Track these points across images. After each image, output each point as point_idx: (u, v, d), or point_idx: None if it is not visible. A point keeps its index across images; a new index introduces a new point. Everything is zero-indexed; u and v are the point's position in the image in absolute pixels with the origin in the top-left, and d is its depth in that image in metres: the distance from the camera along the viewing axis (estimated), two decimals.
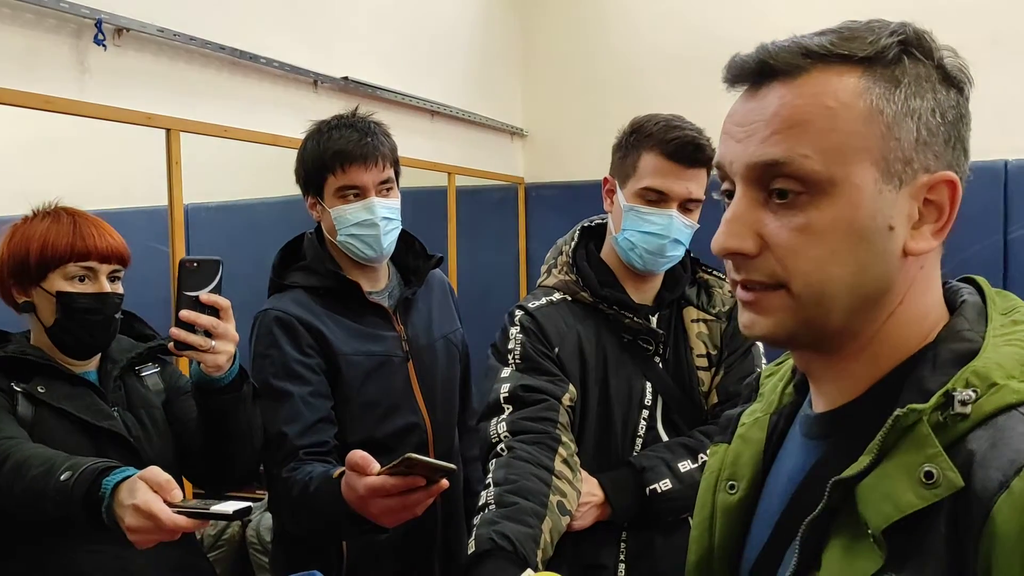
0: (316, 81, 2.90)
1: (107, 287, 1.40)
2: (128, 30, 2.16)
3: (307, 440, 1.51)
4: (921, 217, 0.66)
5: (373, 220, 1.63)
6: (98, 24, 2.06)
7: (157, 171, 2.36)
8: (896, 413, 0.62)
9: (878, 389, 0.68)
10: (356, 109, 1.72)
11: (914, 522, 0.60)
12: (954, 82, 0.67)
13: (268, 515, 3.21)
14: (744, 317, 0.71)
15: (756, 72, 0.68)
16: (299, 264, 1.71)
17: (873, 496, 0.62)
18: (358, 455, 1.23)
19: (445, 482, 1.21)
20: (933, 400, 0.62)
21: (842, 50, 0.65)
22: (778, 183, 0.66)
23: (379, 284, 1.75)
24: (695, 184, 1.47)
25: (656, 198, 1.46)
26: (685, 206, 1.48)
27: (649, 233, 1.47)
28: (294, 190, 1.77)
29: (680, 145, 1.43)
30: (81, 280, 1.38)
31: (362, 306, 1.68)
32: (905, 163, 0.64)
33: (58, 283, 1.37)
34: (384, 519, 1.27)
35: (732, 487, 0.81)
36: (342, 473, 1.30)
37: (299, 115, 2.83)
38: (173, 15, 2.30)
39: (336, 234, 1.65)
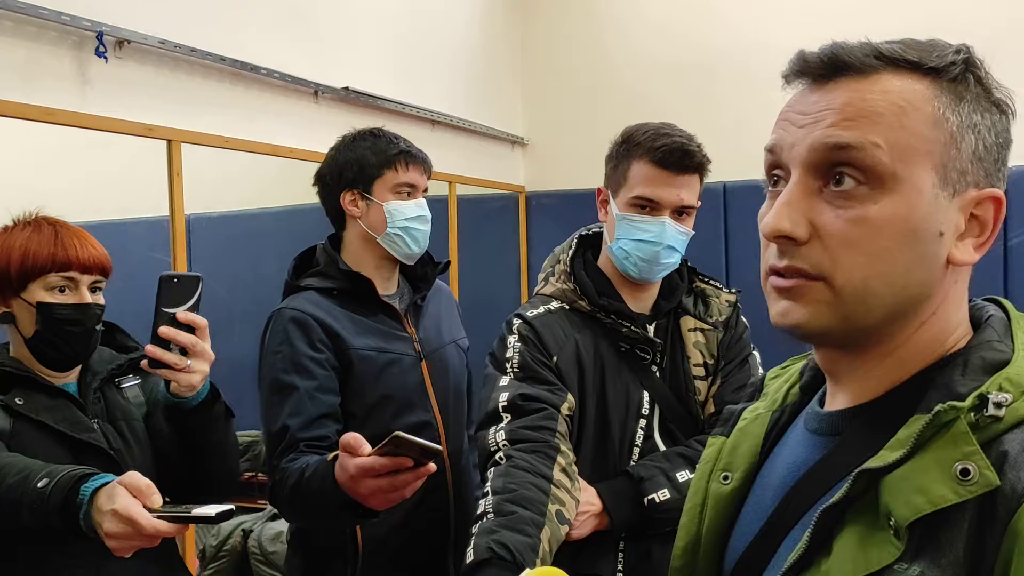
0: (317, 91, 2.92)
1: (88, 298, 1.38)
2: (129, 42, 2.18)
3: (309, 433, 1.54)
4: (965, 230, 0.67)
5: (426, 216, 1.77)
6: (99, 36, 2.08)
7: (158, 182, 2.37)
8: (937, 409, 0.62)
9: (899, 391, 0.69)
10: (382, 128, 1.82)
11: (935, 518, 0.61)
12: (1002, 107, 0.69)
13: (269, 525, 3.21)
14: (779, 305, 0.69)
15: (826, 66, 0.68)
16: (313, 270, 1.76)
17: (903, 488, 0.62)
18: (350, 436, 1.24)
19: (432, 465, 1.22)
20: (970, 400, 0.62)
21: (912, 57, 0.67)
22: (843, 168, 0.66)
23: (390, 289, 1.80)
24: (686, 191, 1.47)
25: (648, 206, 1.47)
26: (678, 213, 1.48)
27: (642, 241, 1.47)
28: (295, 200, 1.80)
29: (669, 152, 1.43)
30: (62, 291, 1.36)
31: (375, 306, 1.73)
32: (961, 173, 0.66)
33: (38, 294, 1.35)
34: (372, 500, 1.28)
35: (726, 477, 0.82)
36: (336, 457, 1.31)
37: (300, 125, 2.86)
38: (174, 27, 2.31)
39: (383, 228, 1.73)
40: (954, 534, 0.60)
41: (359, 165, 1.74)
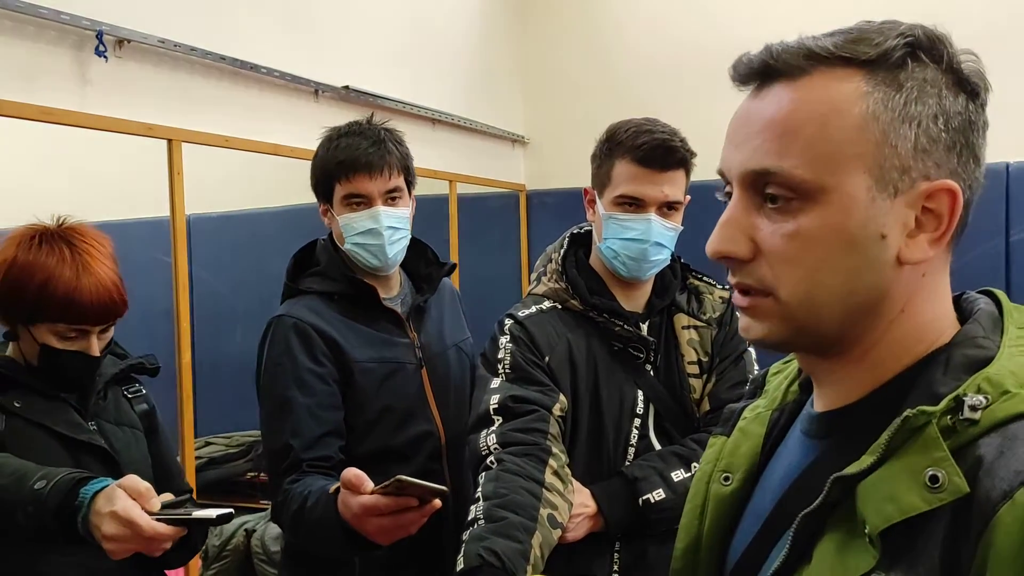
0: (317, 90, 2.91)
1: (96, 349, 1.35)
2: (129, 41, 2.18)
3: (312, 454, 1.51)
4: (920, 226, 0.65)
5: (378, 229, 1.62)
6: (99, 35, 2.07)
7: (159, 182, 2.37)
8: (906, 414, 0.61)
9: (881, 392, 0.68)
10: (371, 116, 1.72)
11: (912, 524, 0.60)
12: (966, 87, 0.65)
13: (272, 525, 3.21)
14: (742, 321, 0.72)
15: (760, 73, 0.68)
16: (313, 270, 1.71)
17: (875, 495, 0.62)
18: (351, 473, 1.22)
19: (437, 502, 1.21)
20: (943, 403, 0.61)
21: (845, 52, 0.64)
22: (770, 189, 0.66)
23: (392, 291, 1.74)
24: (670, 187, 1.46)
25: (633, 204, 1.46)
26: (664, 209, 1.47)
27: (630, 239, 1.46)
28: (296, 200, 1.78)
29: (650, 149, 1.42)
30: (70, 337, 1.33)
31: (377, 311, 1.68)
32: (902, 171, 0.64)
33: (45, 336, 1.32)
34: (379, 537, 1.27)
35: (727, 478, 0.81)
36: (338, 489, 1.29)
37: (300, 124, 2.86)
38: (174, 26, 2.31)
39: (344, 241, 1.66)
40: (930, 542, 0.59)
41: (317, 176, 1.67)
